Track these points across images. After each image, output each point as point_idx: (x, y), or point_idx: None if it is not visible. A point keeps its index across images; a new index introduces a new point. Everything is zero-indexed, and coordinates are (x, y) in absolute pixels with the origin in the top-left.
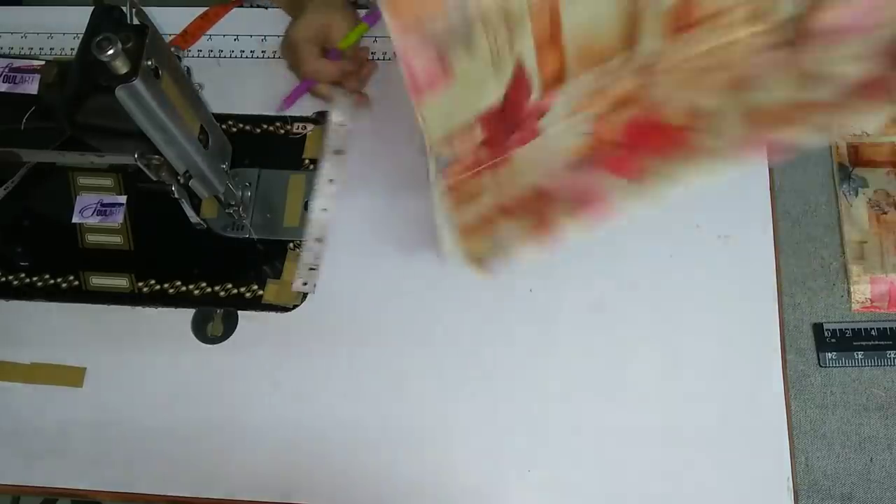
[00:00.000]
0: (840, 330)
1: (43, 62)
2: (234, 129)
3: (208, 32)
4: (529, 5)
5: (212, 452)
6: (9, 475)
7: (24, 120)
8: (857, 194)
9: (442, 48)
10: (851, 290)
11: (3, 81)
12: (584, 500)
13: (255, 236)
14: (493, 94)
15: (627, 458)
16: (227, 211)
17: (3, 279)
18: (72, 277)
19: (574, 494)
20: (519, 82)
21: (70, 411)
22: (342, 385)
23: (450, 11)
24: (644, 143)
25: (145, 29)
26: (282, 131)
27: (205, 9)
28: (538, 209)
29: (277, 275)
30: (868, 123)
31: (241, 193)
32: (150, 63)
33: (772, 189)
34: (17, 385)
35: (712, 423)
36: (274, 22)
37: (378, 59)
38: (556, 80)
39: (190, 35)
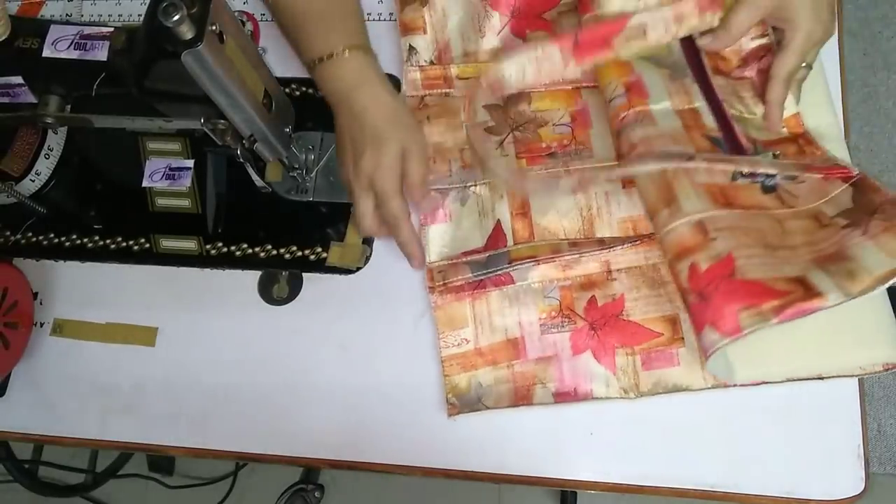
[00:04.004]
0: None
1: (112, 29)
2: (297, 93)
3: None
4: (507, 187)
5: (278, 410)
6: (88, 430)
7: (95, 86)
8: None
9: (444, 197)
10: None
11: (75, 48)
12: (648, 463)
13: (318, 199)
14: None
15: (693, 422)
16: (290, 174)
17: (79, 241)
18: (143, 240)
19: (637, 458)
20: (496, 233)
21: (144, 369)
22: (406, 346)
23: (452, 175)
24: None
25: None
26: None
27: None
28: (512, 363)
29: (341, 237)
30: None
31: (304, 157)
32: (214, 28)
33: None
34: (94, 344)
35: (782, 388)
36: None
37: None
38: (526, 239)
39: None
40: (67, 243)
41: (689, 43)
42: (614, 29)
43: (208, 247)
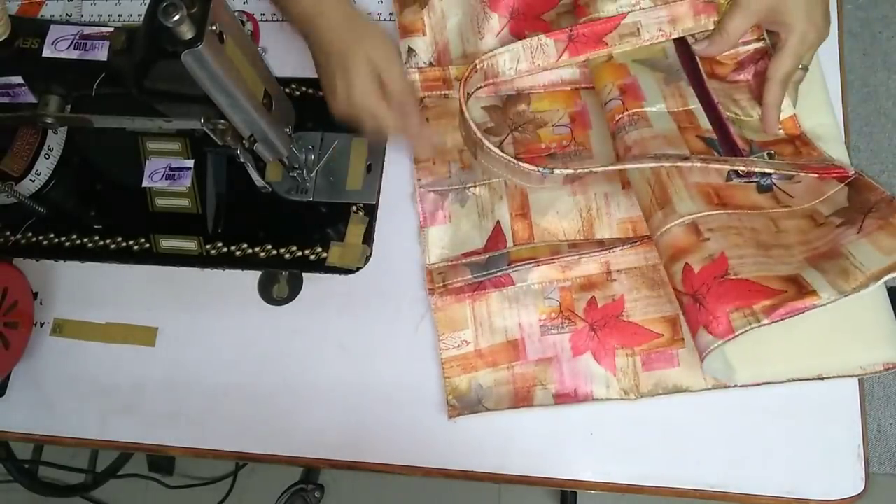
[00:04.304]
0: None
1: (112, 29)
2: (297, 93)
3: None
4: (507, 186)
5: (278, 410)
6: (88, 430)
7: (95, 86)
8: None
9: (444, 199)
10: None
11: (75, 49)
12: (648, 464)
13: (318, 199)
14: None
15: (693, 423)
16: (290, 174)
17: (79, 241)
18: (143, 240)
19: (638, 458)
20: (496, 234)
21: (144, 369)
22: (406, 346)
23: (452, 176)
24: (603, 325)
25: None
26: None
27: None
28: (513, 364)
29: (341, 237)
30: None
31: (304, 157)
32: (214, 28)
33: None
34: (94, 344)
35: (782, 388)
36: None
37: None
38: (526, 241)
39: None
40: (67, 243)
41: (684, 47)
42: (609, 26)
43: (208, 247)
